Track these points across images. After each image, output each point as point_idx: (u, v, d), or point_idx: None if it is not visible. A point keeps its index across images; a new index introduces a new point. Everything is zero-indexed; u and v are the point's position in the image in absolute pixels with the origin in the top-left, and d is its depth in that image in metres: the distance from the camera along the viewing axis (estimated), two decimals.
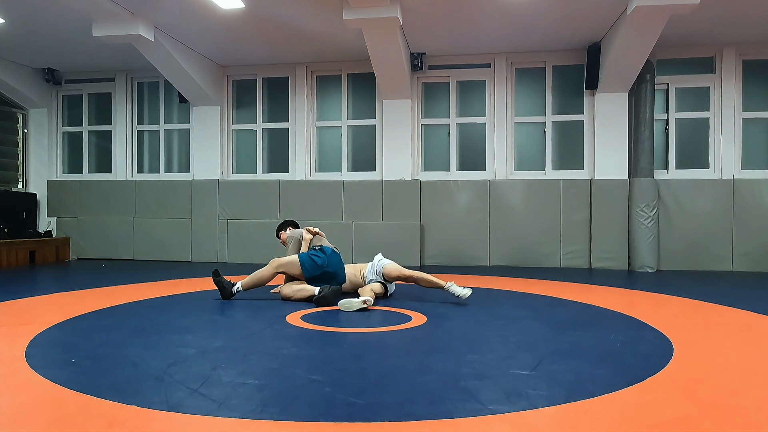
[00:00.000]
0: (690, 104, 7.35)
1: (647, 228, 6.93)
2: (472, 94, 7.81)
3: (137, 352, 2.77)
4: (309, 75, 8.11)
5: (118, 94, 8.65)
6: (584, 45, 7.16)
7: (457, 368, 2.49)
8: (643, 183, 6.96)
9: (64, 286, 5.45)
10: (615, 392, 2.16)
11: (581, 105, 7.49)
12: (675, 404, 2.04)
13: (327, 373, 2.41)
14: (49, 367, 2.50)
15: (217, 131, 8.20)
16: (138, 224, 8.30)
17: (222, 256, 7.99)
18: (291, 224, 5.24)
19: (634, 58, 6.59)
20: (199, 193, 8.12)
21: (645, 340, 3.08)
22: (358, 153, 8.10)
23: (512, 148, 7.69)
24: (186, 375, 2.36)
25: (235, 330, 3.39)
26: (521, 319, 3.71)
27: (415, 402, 2.04)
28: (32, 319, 3.64)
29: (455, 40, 7.05)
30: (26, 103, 8.63)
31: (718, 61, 7.20)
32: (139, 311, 3.98)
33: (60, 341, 3.06)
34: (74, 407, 1.99)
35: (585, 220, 7.26)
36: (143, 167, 8.72)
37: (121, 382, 2.28)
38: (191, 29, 6.70)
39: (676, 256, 7.11)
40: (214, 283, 4.56)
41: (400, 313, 3.90)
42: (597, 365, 2.56)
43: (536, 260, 7.37)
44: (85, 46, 7.30)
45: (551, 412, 1.95)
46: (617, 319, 3.76)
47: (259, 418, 1.86)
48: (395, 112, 7.67)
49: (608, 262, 7.15)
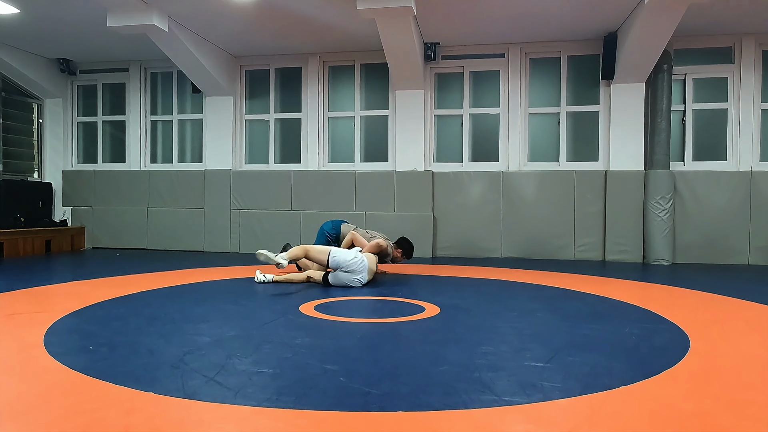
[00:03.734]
0: (708, 95, 7.24)
1: (663, 220, 6.85)
2: (485, 85, 7.75)
3: (153, 340, 2.80)
4: (321, 65, 8.08)
5: (132, 85, 8.69)
6: (600, 35, 7.06)
7: (471, 359, 2.49)
8: (659, 175, 6.87)
9: (79, 275, 5.51)
10: (631, 385, 2.14)
11: (596, 96, 7.40)
12: (692, 398, 2.02)
13: (341, 363, 2.42)
14: (68, 354, 2.54)
15: (230, 121, 8.21)
16: (151, 214, 8.37)
17: (234, 246, 8.04)
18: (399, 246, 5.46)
19: (651, 48, 6.49)
20: (211, 184, 8.15)
21: (660, 333, 3.06)
22: (371, 144, 8.08)
23: (526, 139, 7.62)
24: (201, 363, 2.38)
25: (248, 319, 3.41)
26: (535, 311, 3.69)
27: (430, 392, 2.04)
28: (50, 307, 3.69)
29: (469, 29, 6.98)
30: (42, 93, 8.70)
31: (737, 50, 7.06)
32: (154, 300, 4.01)
33: (77, 329, 3.10)
34: (93, 394, 2.01)
35: (599, 212, 7.20)
36: (156, 157, 8.77)
37: (138, 369, 2.30)
38: (205, 19, 6.70)
39: (691, 249, 7.03)
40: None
41: (414, 304, 3.90)
42: (612, 358, 2.54)
43: (549, 252, 7.33)
44: (99, 36, 7.34)
45: (567, 404, 1.94)
46: (632, 311, 3.73)
47: (275, 407, 1.87)
48: (408, 102, 7.63)
49: (622, 254, 7.09)
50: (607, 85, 7.27)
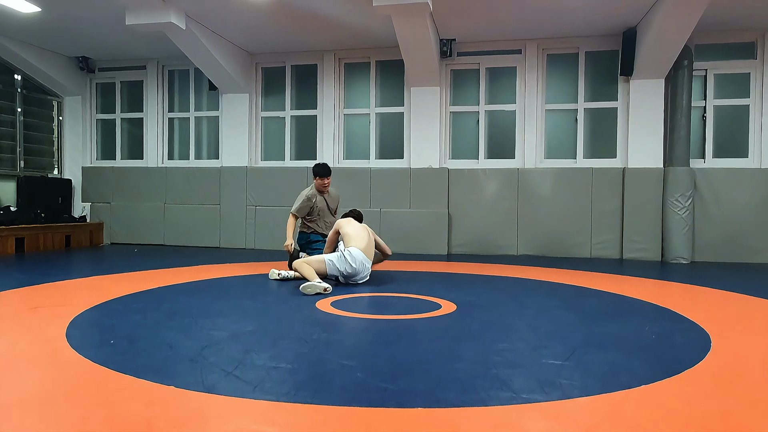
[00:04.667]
0: (729, 91, 7.11)
1: (682, 218, 6.75)
2: (502, 81, 7.69)
3: (172, 334, 2.83)
4: (337, 62, 8.09)
5: (149, 82, 8.77)
6: (619, 30, 6.97)
7: (488, 356, 2.48)
8: (678, 172, 6.78)
9: (99, 270, 5.59)
10: (651, 384, 2.11)
11: (615, 92, 7.31)
12: (714, 398, 2.00)
13: (358, 359, 2.42)
14: (89, 347, 2.57)
15: (246, 118, 8.26)
16: (168, 210, 8.45)
17: (250, 242, 8.09)
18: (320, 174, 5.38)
19: (671, 44, 6.40)
20: (227, 180, 8.21)
21: (681, 332, 3.02)
22: (386, 141, 8.07)
23: (542, 136, 7.56)
24: (220, 357, 2.40)
25: (265, 315, 3.43)
26: (551, 309, 3.67)
27: (447, 389, 2.03)
28: (71, 301, 3.75)
29: (485, 26, 6.93)
30: (61, 91, 8.82)
31: (760, 46, 6.93)
32: (172, 295, 4.05)
33: (98, 322, 3.14)
34: (114, 386, 2.04)
35: (617, 209, 7.12)
36: (173, 154, 8.85)
37: (158, 363, 2.33)
38: (221, 17, 6.74)
39: (711, 248, 6.93)
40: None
41: (430, 301, 3.89)
42: (632, 357, 2.52)
43: (565, 250, 7.27)
44: (118, 34, 7.42)
45: (586, 403, 1.92)
46: (651, 310, 3.69)
47: (293, 402, 1.88)
48: (424, 99, 7.61)
49: (640, 252, 7.01)
50: (626, 81, 7.18)
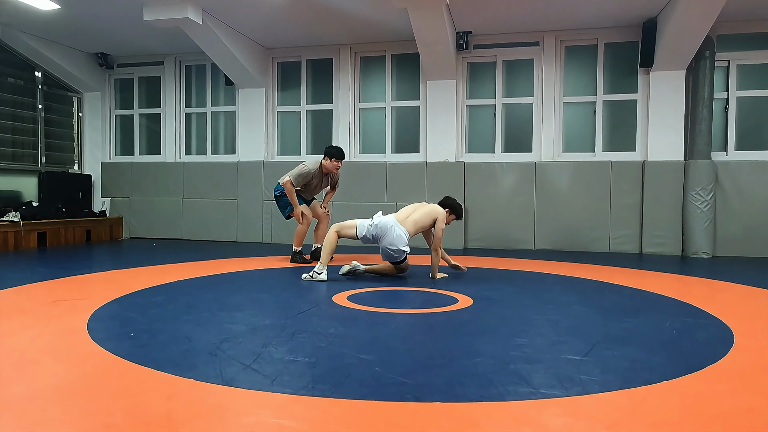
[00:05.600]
0: (753, 82, 6.95)
1: (703, 212, 6.64)
2: (519, 74, 7.62)
3: (191, 327, 2.86)
4: (353, 56, 8.07)
5: (167, 78, 8.84)
6: (639, 21, 6.85)
7: (506, 351, 2.46)
8: (699, 165, 6.66)
9: (118, 264, 5.66)
10: (673, 380, 2.08)
11: (635, 84, 7.19)
12: (737, 395, 1.96)
13: (375, 353, 2.42)
14: (110, 339, 2.61)
15: (262, 113, 8.29)
16: (186, 205, 8.53)
17: (267, 236, 8.13)
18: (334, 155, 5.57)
19: (693, 34, 6.27)
20: (244, 175, 8.26)
21: (703, 328, 2.97)
22: (402, 134, 8.05)
23: (560, 129, 7.48)
24: (238, 351, 2.42)
25: (282, 309, 3.44)
26: (570, 304, 3.63)
27: (465, 384, 2.02)
28: (91, 294, 3.81)
29: (502, 17, 6.86)
30: (81, 87, 8.93)
31: None
32: (190, 289, 4.09)
33: (118, 315, 3.18)
34: (135, 378, 2.06)
35: (636, 203, 7.02)
36: (191, 149, 8.93)
37: (178, 356, 2.35)
38: (238, 12, 6.76)
39: (733, 242, 6.80)
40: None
41: (446, 295, 3.88)
42: (652, 352, 2.48)
43: (583, 244, 7.19)
44: (136, 30, 7.48)
45: (606, 398, 1.90)
46: (672, 305, 3.63)
47: (311, 395, 1.89)
48: (440, 93, 7.57)
49: (660, 247, 6.91)
50: (646, 73, 7.06)
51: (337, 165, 5.61)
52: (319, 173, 5.63)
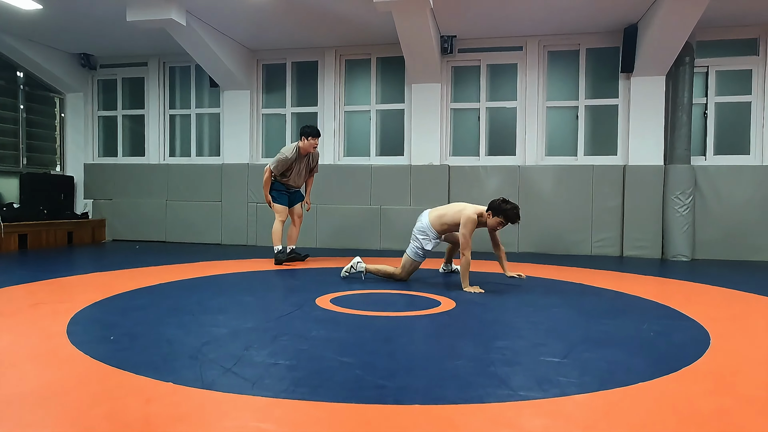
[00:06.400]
0: (731, 88, 7.09)
1: (682, 216, 6.75)
2: (502, 78, 7.68)
3: (172, 331, 2.84)
4: (338, 59, 8.08)
5: (150, 79, 8.78)
6: (620, 27, 6.96)
7: (487, 354, 2.49)
8: (679, 170, 6.77)
9: (100, 266, 5.61)
10: (649, 381, 2.12)
11: (616, 89, 7.29)
12: (711, 396, 2.00)
13: (357, 356, 2.43)
14: (90, 343, 2.59)
15: (247, 115, 8.26)
16: (170, 207, 8.47)
17: (251, 239, 8.10)
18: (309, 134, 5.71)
19: (672, 40, 6.38)
20: (229, 177, 8.22)
21: (680, 330, 3.02)
22: (387, 137, 8.07)
23: (543, 133, 7.55)
24: (219, 354, 2.42)
25: (265, 312, 3.44)
26: (551, 307, 3.67)
27: (445, 386, 2.04)
28: (72, 297, 3.77)
29: (486, 22, 6.92)
30: (63, 87, 8.83)
31: (763, 42, 6.90)
32: (173, 291, 4.07)
33: (99, 319, 3.16)
34: (114, 382, 2.05)
35: (617, 207, 7.11)
36: (175, 151, 8.86)
37: (158, 359, 2.34)
38: (222, 14, 6.73)
39: (712, 245, 6.92)
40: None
41: (429, 298, 3.90)
42: (630, 354, 2.52)
43: (566, 247, 7.27)
44: (119, 31, 7.41)
45: (583, 400, 1.93)
46: (651, 307, 3.69)
47: (291, 398, 1.89)
48: (424, 96, 7.60)
49: (641, 250, 7.00)
50: (627, 78, 7.16)
51: (314, 143, 5.70)
52: (298, 157, 5.72)
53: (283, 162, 5.62)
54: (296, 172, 5.79)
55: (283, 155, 5.64)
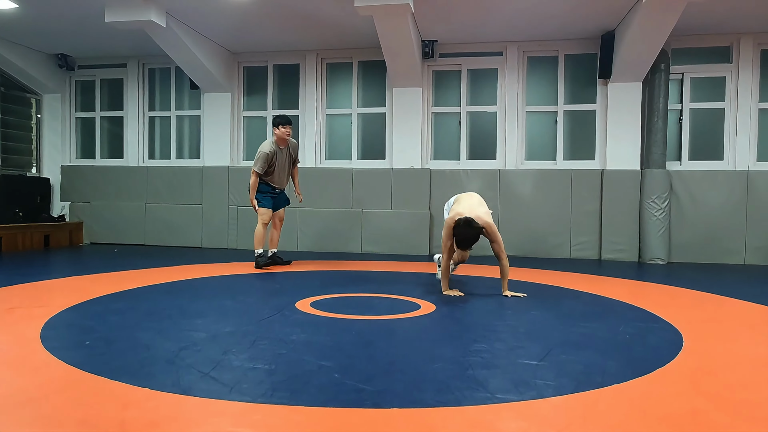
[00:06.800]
0: (705, 94, 7.25)
1: (659, 220, 6.87)
2: (483, 83, 7.76)
3: (149, 335, 2.81)
4: (319, 62, 8.08)
5: (130, 80, 8.68)
6: (598, 33, 7.07)
7: (466, 357, 2.51)
8: (655, 174, 6.89)
9: (77, 270, 5.52)
10: (623, 383, 2.16)
11: (594, 94, 7.41)
12: (684, 397, 2.04)
13: (336, 360, 2.43)
14: (64, 348, 2.55)
15: (228, 118, 8.21)
16: (149, 210, 8.37)
17: (232, 242, 8.04)
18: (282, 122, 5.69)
19: (648, 47, 6.50)
20: (209, 180, 8.15)
21: (654, 332, 3.08)
22: (368, 141, 8.08)
23: (523, 137, 7.64)
24: (197, 359, 2.40)
25: (245, 315, 3.42)
26: (530, 310, 3.71)
27: (424, 390, 2.05)
28: (47, 302, 3.70)
29: (467, 27, 6.99)
30: (40, 88, 8.69)
31: (735, 50, 7.08)
32: (151, 295, 4.02)
33: (74, 323, 3.11)
34: (89, 388, 2.03)
35: (596, 211, 7.22)
36: (155, 153, 8.77)
37: (134, 364, 2.32)
38: (203, 15, 6.69)
39: (687, 249, 7.06)
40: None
41: (409, 302, 3.92)
42: (606, 356, 2.56)
43: (545, 251, 7.35)
44: (97, 32, 7.32)
45: (559, 402, 1.96)
46: (627, 310, 3.75)
47: (269, 403, 1.89)
48: (406, 100, 7.64)
49: (618, 253, 7.11)
50: (605, 84, 7.28)
51: (287, 131, 5.70)
52: (278, 150, 5.72)
53: (264, 158, 5.60)
54: (279, 167, 5.75)
55: (262, 152, 5.62)
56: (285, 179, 5.91)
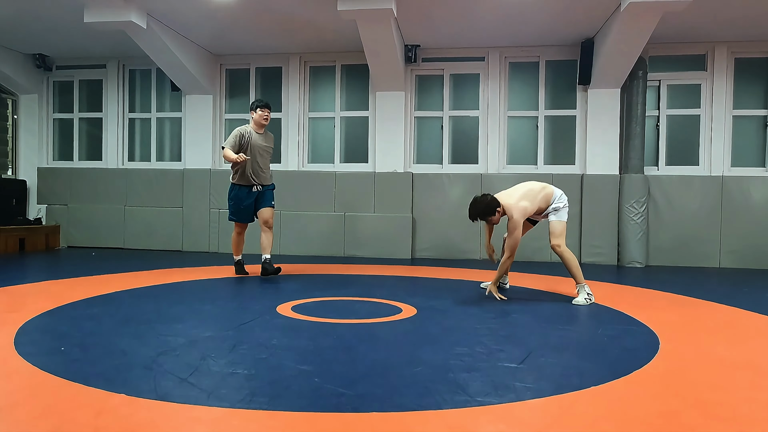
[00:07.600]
0: (681, 101, 7.40)
1: (637, 224, 6.98)
2: (465, 88, 7.81)
3: (127, 340, 2.77)
4: (302, 65, 8.07)
5: (109, 82, 8.57)
6: (578, 40, 7.18)
7: (446, 360, 2.51)
8: (633, 179, 7.00)
9: (53, 274, 5.42)
10: (601, 385, 2.19)
11: (574, 100, 7.51)
12: (659, 398, 2.07)
13: (316, 364, 2.42)
14: (38, 354, 2.50)
15: (210, 120, 8.15)
16: (129, 213, 8.26)
17: (213, 245, 7.97)
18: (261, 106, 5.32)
19: (626, 55, 6.61)
20: (190, 183, 8.07)
21: (632, 335, 3.12)
22: (351, 145, 8.09)
23: (505, 142, 7.71)
24: (175, 364, 2.37)
25: (225, 320, 3.39)
26: (511, 313, 3.74)
27: (404, 394, 2.06)
28: (21, 307, 3.63)
29: (449, 33, 7.04)
30: (16, 88, 8.53)
31: (710, 58, 7.24)
32: (129, 300, 3.97)
33: (49, 329, 3.05)
34: (63, 395, 1.99)
35: (575, 215, 7.30)
36: (134, 155, 8.66)
37: (110, 370, 2.28)
38: (185, 17, 6.64)
39: (664, 252, 7.18)
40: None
41: (391, 305, 3.92)
42: (584, 359, 2.59)
43: (526, 254, 7.40)
44: (76, 32, 7.22)
45: (538, 405, 1.97)
46: (605, 313, 3.80)
47: (248, 408, 1.87)
48: (389, 104, 7.66)
49: (598, 257, 7.21)
50: (584, 90, 7.38)
51: (265, 113, 5.30)
52: (253, 134, 5.28)
53: (236, 136, 5.16)
54: (255, 153, 5.24)
55: (236, 130, 5.21)
56: (263, 171, 5.36)
